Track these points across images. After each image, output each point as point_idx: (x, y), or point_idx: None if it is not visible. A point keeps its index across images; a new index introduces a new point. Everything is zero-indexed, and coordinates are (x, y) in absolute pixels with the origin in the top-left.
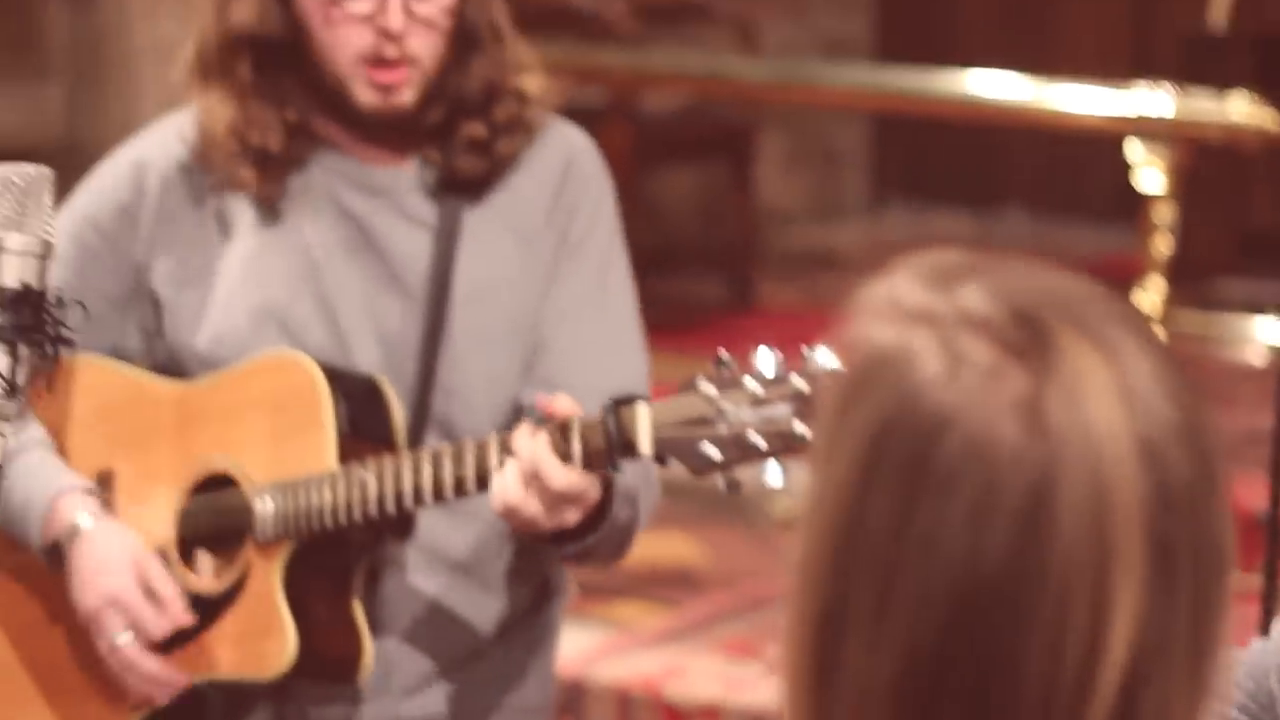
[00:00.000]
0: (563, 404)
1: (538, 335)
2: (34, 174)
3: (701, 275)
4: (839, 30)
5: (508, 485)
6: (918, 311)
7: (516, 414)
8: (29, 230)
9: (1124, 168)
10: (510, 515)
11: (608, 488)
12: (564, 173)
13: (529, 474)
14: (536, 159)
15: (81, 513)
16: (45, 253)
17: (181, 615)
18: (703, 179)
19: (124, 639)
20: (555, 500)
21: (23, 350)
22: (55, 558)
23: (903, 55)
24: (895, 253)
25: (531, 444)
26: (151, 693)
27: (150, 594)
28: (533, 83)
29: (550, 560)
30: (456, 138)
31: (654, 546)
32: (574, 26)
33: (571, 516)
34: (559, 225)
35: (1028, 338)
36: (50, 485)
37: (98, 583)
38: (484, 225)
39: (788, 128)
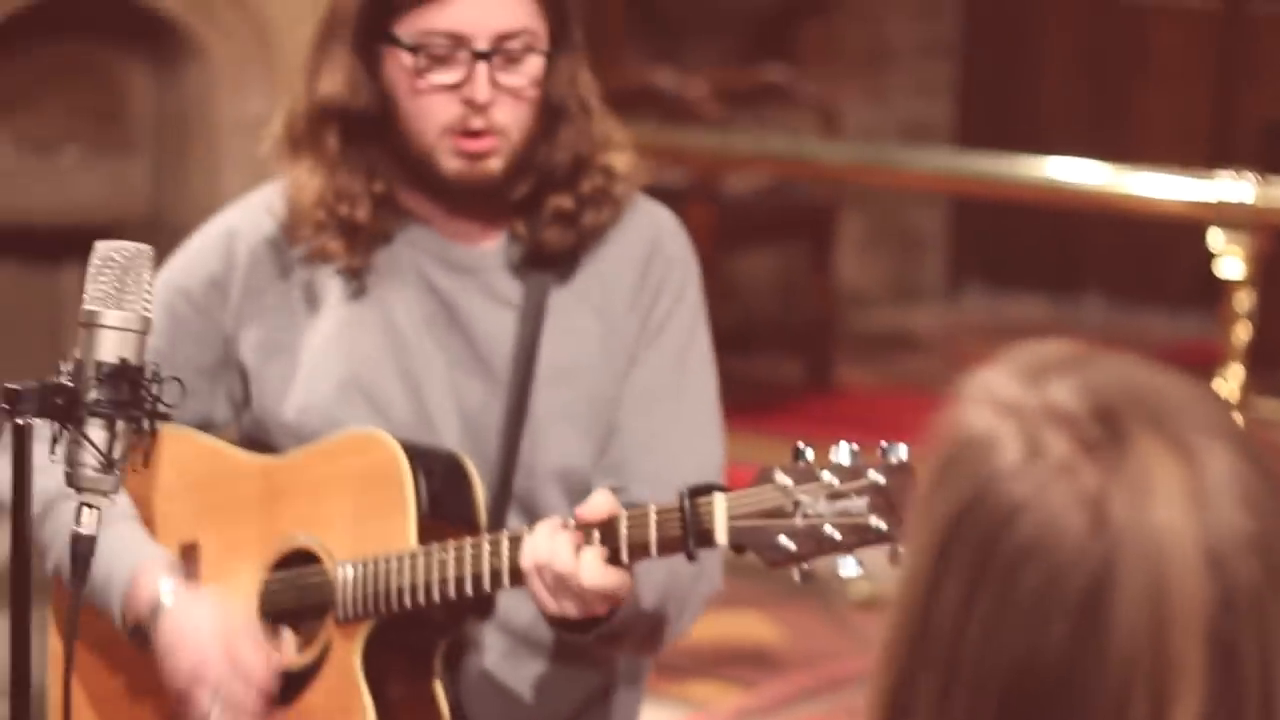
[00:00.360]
0: (594, 513)
1: (614, 419)
2: (134, 251)
3: (780, 356)
4: (920, 114)
5: (539, 589)
6: (1008, 403)
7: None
8: (128, 306)
9: (1203, 254)
10: (538, 592)
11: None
12: (649, 253)
13: (542, 568)
14: (623, 237)
15: (164, 589)
16: (143, 329)
17: (269, 687)
18: (783, 259)
19: (214, 713)
20: (579, 596)
21: (120, 425)
22: (139, 636)
23: (982, 140)
24: (972, 336)
25: (548, 542)
26: None
27: (238, 666)
28: (621, 159)
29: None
30: (543, 210)
31: (730, 627)
32: (658, 107)
33: (599, 608)
34: (642, 307)
35: (1105, 435)
36: (132, 559)
37: (185, 658)
38: (568, 305)
39: (867, 210)
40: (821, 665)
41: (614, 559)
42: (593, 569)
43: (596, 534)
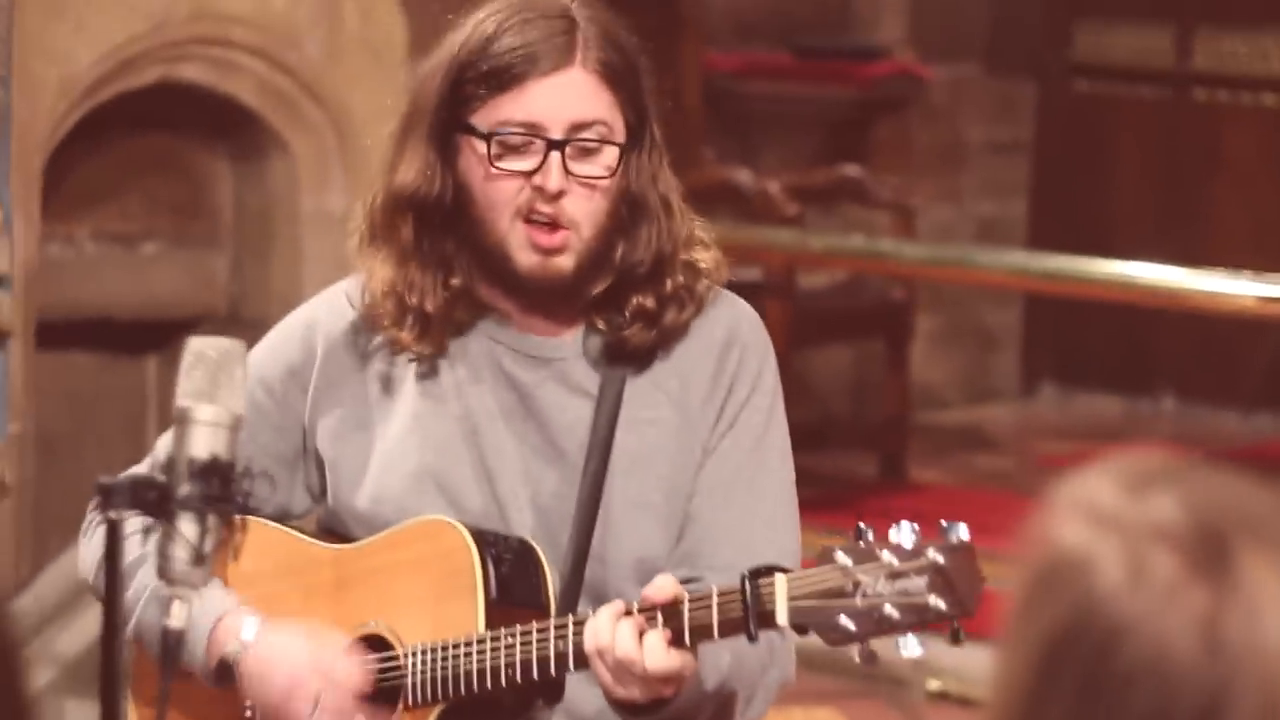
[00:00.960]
0: (660, 594)
1: (689, 509)
2: (227, 347)
3: (854, 452)
4: (993, 213)
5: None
6: (1107, 516)
7: None
8: (220, 402)
9: (1276, 353)
10: (602, 676)
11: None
12: (727, 342)
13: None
14: (702, 329)
15: (248, 624)
16: (235, 424)
17: (366, 690)
18: (857, 357)
19: (313, 715)
20: (643, 680)
21: (211, 520)
22: (223, 671)
23: (1055, 239)
24: (1045, 435)
25: (610, 626)
26: None
27: (333, 673)
28: (705, 256)
29: None
30: (624, 308)
31: None
32: (735, 205)
33: (665, 691)
34: (719, 396)
35: (1211, 553)
36: (212, 609)
37: (278, 678)
38: (645, 394)
39: (941, 307)
40: None
41: (677, 641)
42: (656, 652)
43: (660, 616)
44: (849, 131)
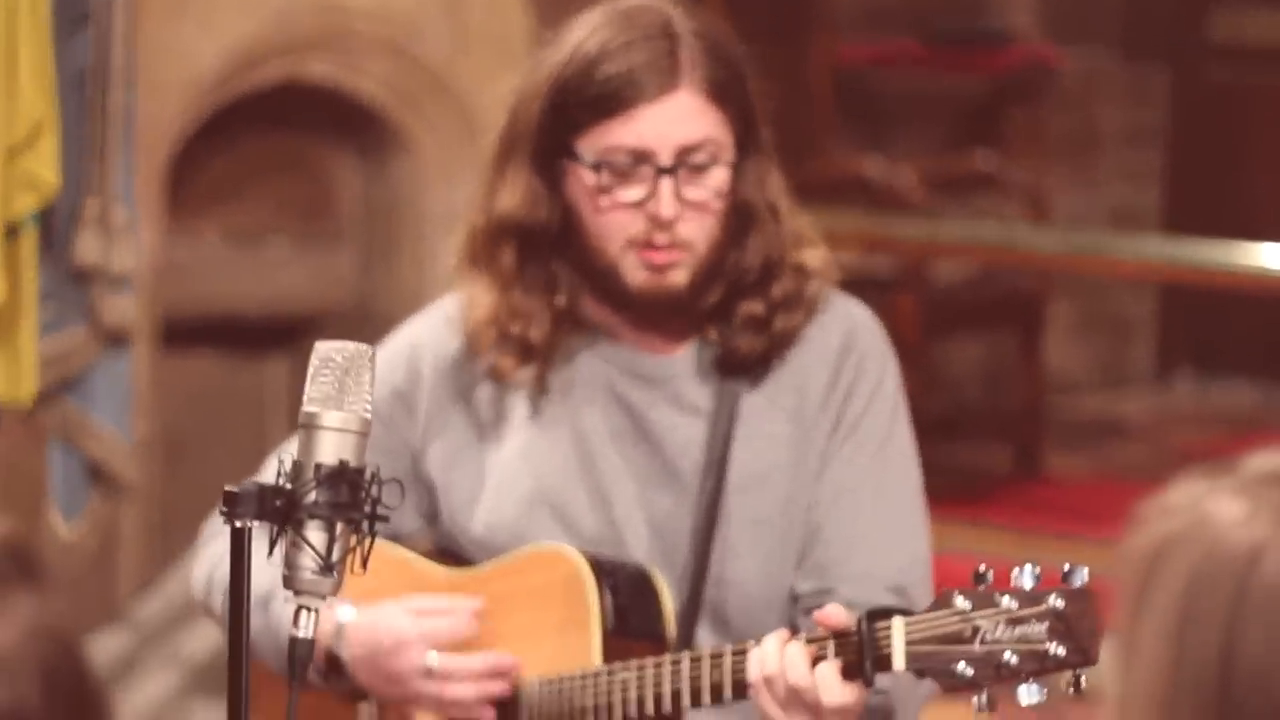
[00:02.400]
0: (837, 619)
1: (812, 520)
2: (354, 351)
3: (989, 443)
4: (1128, 200)
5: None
6: (1208, 488)
7: (791, 602)
8: (348, 408)
9: None
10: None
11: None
12: (842, 350)
13: (770, 679)
14: (815, 336)
15: (341, 611)
16: (363, 430)
17: (465, 609)
18: (991, 347)
19: (434, 657)
20: (814, 711)
21: (339, 527)
22: (333, 667)
23: (1191, 226)
24: (1182, 424)
25: (778, 655)
26: (484, 692)
27: (432, 612)
28: (813, 257)
29: None
30: (734, 317)
31: None
32: (866, 195)
33: None
34: (835, 406)
35: None
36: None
37: (383, 643)
38: (760, 409)
39: (1076, 296)
40: None
41: (850, 673)
42: (830, 684)
43: (831, 645)
44: (981, 119)
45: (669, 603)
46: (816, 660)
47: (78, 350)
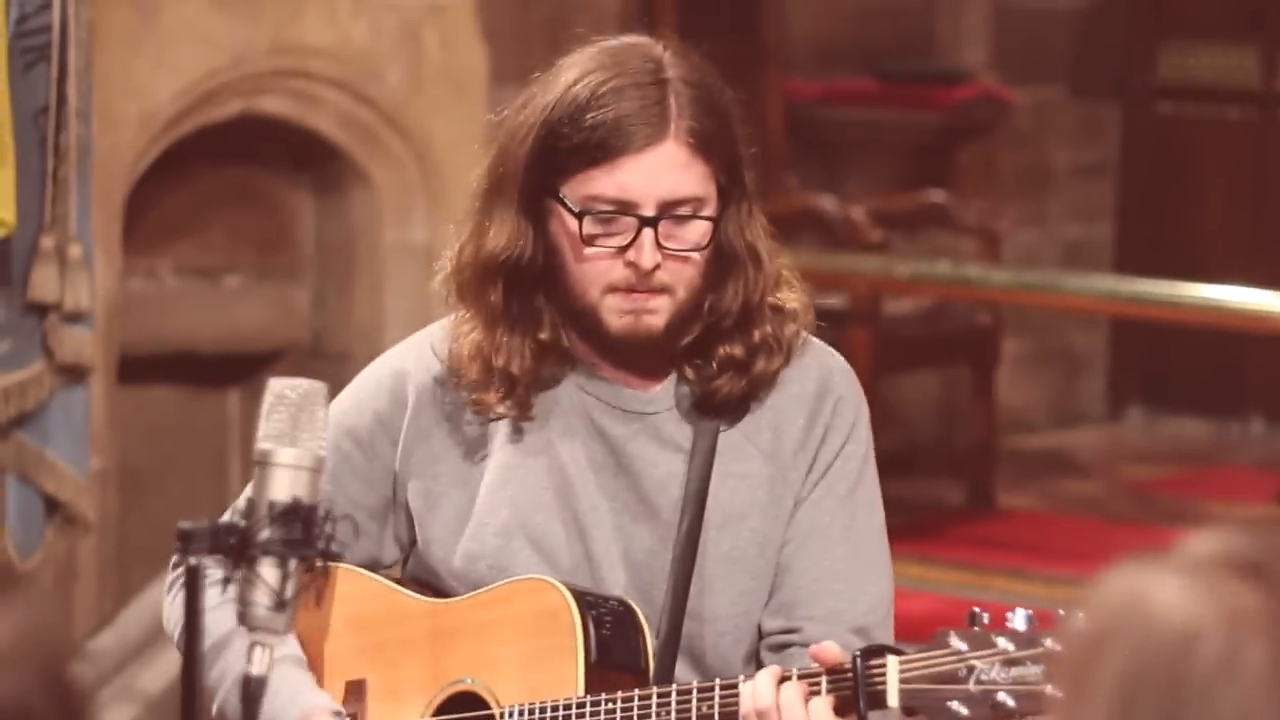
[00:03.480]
0: (832, 654)
1: (782, 559)
2: (307, 388)
3: (942, 478)
4: (1079, 237)
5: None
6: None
7: (757, 639)
8: (301, 444)
9: None
10: None
11: None
12: (819, 395)
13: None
14: (794, 378)
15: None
16: (317, 467)
17: None
18: (943, 382)
19: None
20: None
21: (293, 564)
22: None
23: (1142, 262)
24: (1133, 459)
25: (771, 690)
26: None
27: None
28: (793, 297)
29: None
30: (713, 358)
31: None
32: (819, 232)
33: None
34: (811, 447)
35: (1259, 570)
36: (298, 707)
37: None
38: (738, 447)
39: (1028, 332)
40: None
41: (844, 709)
42: (824, 719)
43: (824, 682)
44: (933, 156)
45: (649, 637)
46: (810, 696)
47: (33, 385)
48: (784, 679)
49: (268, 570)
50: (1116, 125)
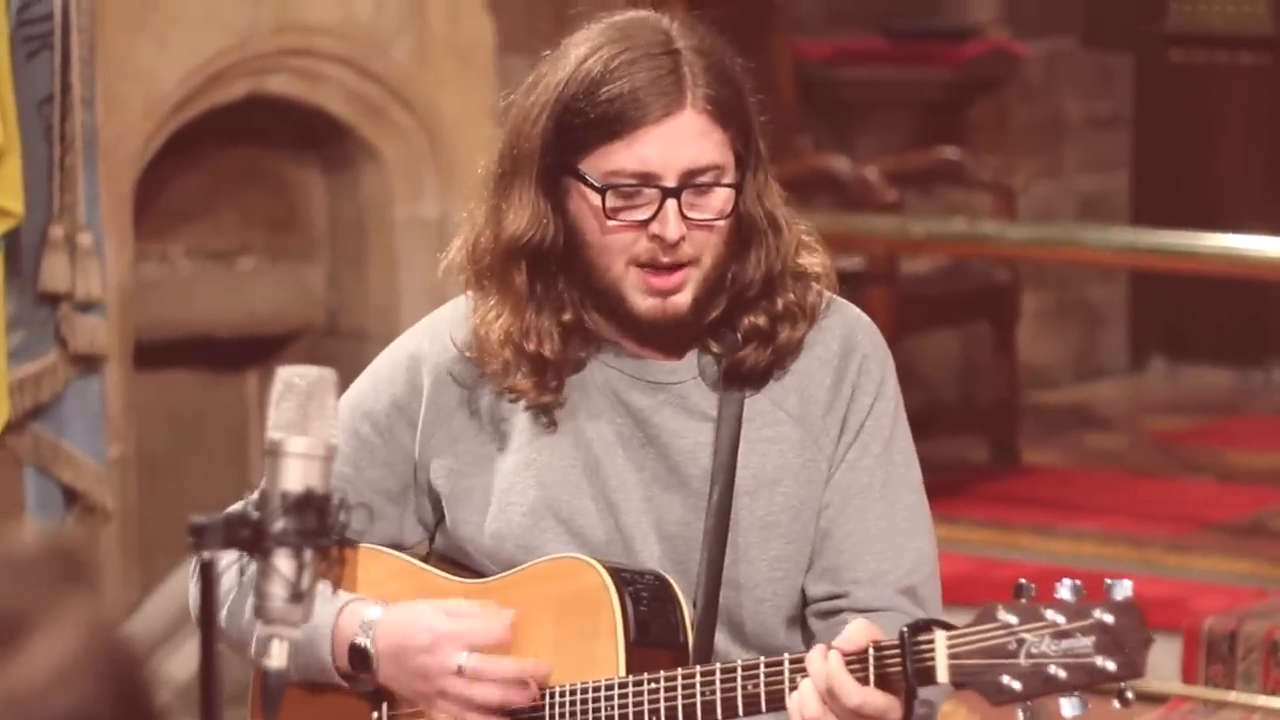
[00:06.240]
0: (856, 641)
1: (821, 524)
2: (316, 376)
3: (965, 436)
4: (1095, 188)
5: (805, 701)
6: None
7: (802, 605)
8: (312, 433)
9: None
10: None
11: (909, 700)
12: (844, 354)
13: (824, 692)
14: (818, 340)
15: (369, 609)
16: (329, 455)
17: (501, 616)
18: (963, 340)
19: (465, 657)
20: (852, 718)
21: (307, 555)
22: (357, 658)
23: (1159, 213)
24: (1156, 411)
25: (824, 664)
26: (511, 698)
27: (467, 616)
28: (814, 260)
29: None
30: (737, 329)
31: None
32: (833, 194)
33: None
34: (840, 409)
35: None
36: (330, 606)
37: (415, 640)
38: (765, 412)
39: (1047, 287)
40: None
41: (889, 685)
42: (873, 696)
43: (872, 656)
44: (945, 113)
45: (687, 611)
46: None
47: (48, 376)
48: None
49: (283, 562)
50: (1129, 75)
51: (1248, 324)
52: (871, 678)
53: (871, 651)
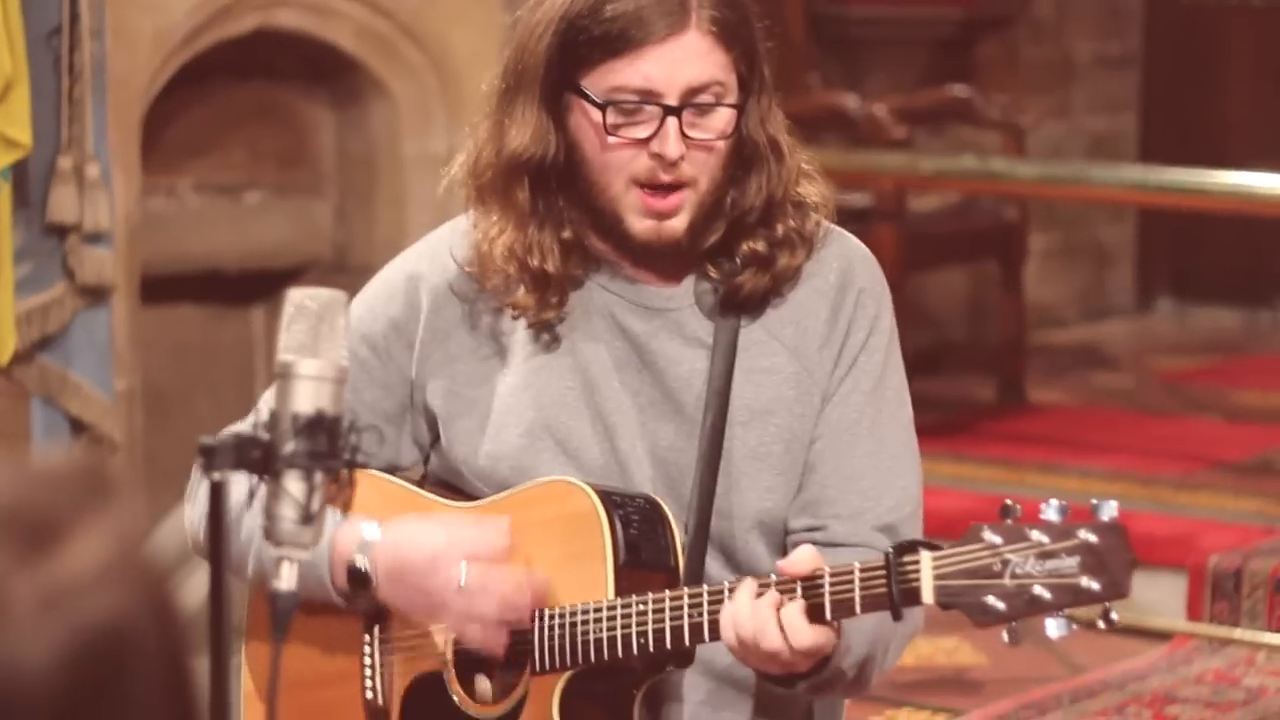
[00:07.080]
0: (801, 565)
1: (809, 456)
2: (327, 298)
3: (971, 375)
4: (1104, 128)
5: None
6: None
7: (784, 535)
8: (323, 355)
9: None
10: (742, 656)
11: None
12: (841, 285)
13: (749, 638)
14: (815, 271)
15: (367, 528)
16: (340, 377)
17: (499, 524)
18: (971, 278)
19: (464, 568)
20: (783, 656)
21: (318, 477)
22: (355, 579)
23: (1168, 152)
24: (1163, 350)
25: (754, 615)
26: (508, 612)
27: (466, 532)
28: (812, 190)
29: None
30: (736, 255)
31: (931, 652)
32: (842, 131)
33: (801, 665)
34: (836, 342)
35: None
36: (329, 525)
37: (416, 558)
38: (761, 342)
39: (1055, 226)
40: (1024, 689)
41: (817, 616)
42: (797, 629)
43: (798, 588)
44: (955, 51)
45: (678, 535)
46: (782, 606)
47: (55, 307)
48: (760, 594)
49: (293, 484)
50: (1139, 14)
51: (1255, 264)
52: (802, 606)
53: (858, 573)
